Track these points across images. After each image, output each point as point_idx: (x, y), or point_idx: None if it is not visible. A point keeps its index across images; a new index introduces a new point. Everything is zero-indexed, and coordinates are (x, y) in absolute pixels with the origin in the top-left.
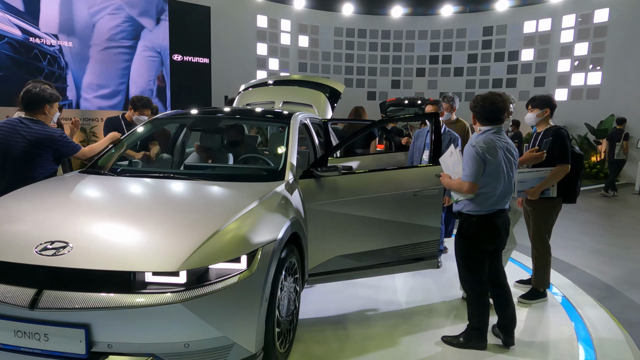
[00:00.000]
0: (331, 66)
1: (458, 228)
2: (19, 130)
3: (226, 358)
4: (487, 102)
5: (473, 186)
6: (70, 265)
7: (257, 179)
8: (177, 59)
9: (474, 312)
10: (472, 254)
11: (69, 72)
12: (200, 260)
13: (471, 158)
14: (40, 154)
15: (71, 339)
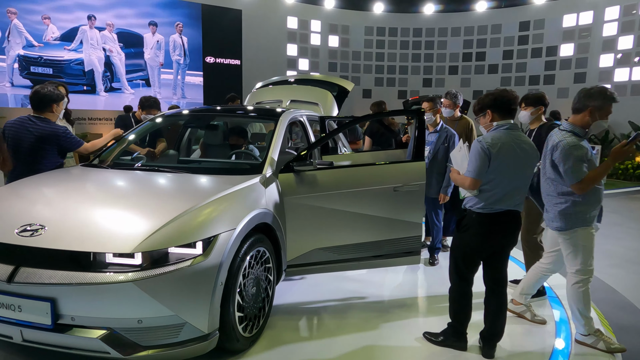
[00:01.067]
0: (361, 65)
1: (458, 221)
2: (27, 127)
3: (178, 336)
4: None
5: (474, 182)
6: (42, 245)
7: (236, 173)
8: (209, 61)
9: (454, 310)
10: (464, 250)
11: None
12: (154, 244)
13: (475, 153)
14: (46, 149)
15: (39, 311)
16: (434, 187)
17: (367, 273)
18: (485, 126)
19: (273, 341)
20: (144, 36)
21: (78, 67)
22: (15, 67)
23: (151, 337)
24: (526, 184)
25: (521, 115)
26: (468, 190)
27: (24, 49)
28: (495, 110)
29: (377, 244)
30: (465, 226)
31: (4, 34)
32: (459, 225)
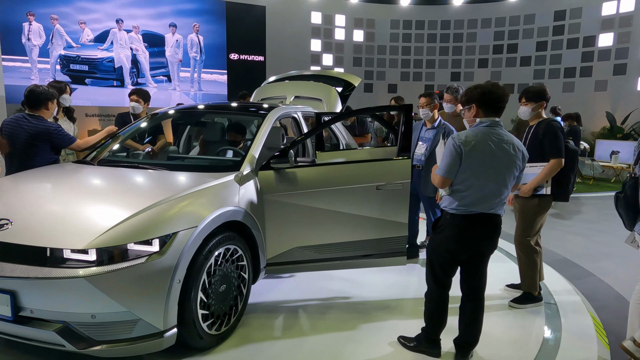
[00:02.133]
0: (387, 60)
1: (434, 222)
2: (21, 125)
3: (132, 331)
4: (480, 90)
5: (443, 180)
6: (5, 239)
7: (214, 170)
8: (233, 57)
9: (428, 315)
10: (439, 252)
11: None
12: (109, 240)
13: (447, 150)
14: (39, 145)
15: (1, 302)
16: (431, 186)
17: (357, 273)
18: (469, 121)
19: (243, 339)
20: (165, 36)
21: (109, 65)
22: (57, 67)
23: (105, 332)
24: (505, 186)
25: (521, 111)
26: (439, 188)
27: (64, 49)
28: (481, 106)
29: (360, 244)
30: (441, 227)
31: (48, 38)
32: (435, 226)
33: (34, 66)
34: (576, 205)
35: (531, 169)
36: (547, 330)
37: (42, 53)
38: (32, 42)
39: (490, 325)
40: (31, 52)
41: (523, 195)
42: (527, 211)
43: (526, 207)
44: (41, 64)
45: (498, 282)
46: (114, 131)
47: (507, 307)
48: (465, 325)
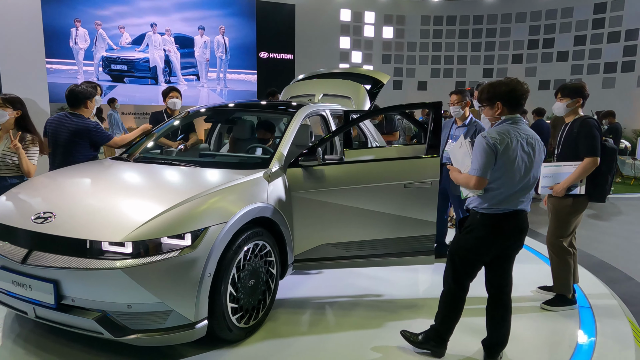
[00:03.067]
0: (417, 56)
1: (460, 222)
2: (63, 123)
3: (165, 322)
4: (511, 87)
5: (481, 181)
6: (49, 231)
7: (244, 167)
8: (263, 56)
9: (442, 315)
10: (466, 254)
11: None
12: (144, 234)
13: (481, 150)
14: (79, 142)
15: (45, 291)
16: None
17: (384, 271)
18: (491, 118)
19: (270, 333)
20: (194, 38)
21: (145, 65)
22: (100, 69)
23: (140, 322)
24: (534, 181)
25: (555, 107)
26: (473, 190)
27: (106, 51)
28: (506, 103)
29: (387, 242)
30: (468, 227)
31: (92, 42)
32: (461, 226)
33: (79, 67)
34: (615, 206)
35: (565, 167)
36: (581, 335)
37: (87, 56)
38: (78, 45)
39: (522, 328)
40: (77, 55)
41: (556, 195)
42: (560, 211)
43: (559, 207)
44: (86, 66)
45: (530, 283)
46: (149, 129)
47: (539, 309)
48: (493, 326)
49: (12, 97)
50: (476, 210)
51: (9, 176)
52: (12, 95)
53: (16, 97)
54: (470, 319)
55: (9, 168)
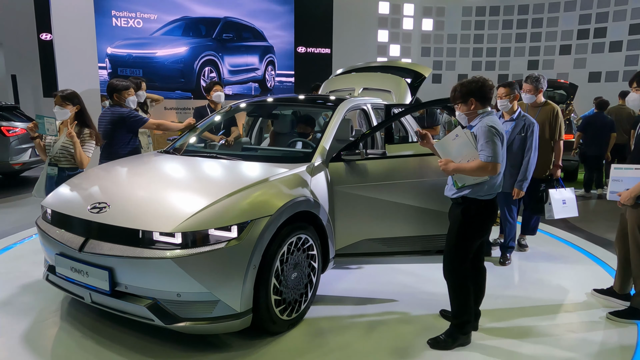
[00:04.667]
0: (457, 49)
1: (459, 214)
2: (104, 116)
3: (212, 311)
4: (480, 84)
5: (498, 166)
6: (104, 221)
7: (286, 161)
8: (301, 51)
9: (463, 305)
10: (470, 242)
11: None
12: (193, 225)
13: (491, 137)
14: (117, 130)
15: (100, 277)
16: (507, 181)
17: (426, 268)
18: (467, 113)
19: (312, 327)
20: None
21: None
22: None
23: (188, 310)
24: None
25: (630, 99)
26: (484, 176)
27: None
28: (479, 99)
29: (429, 238)
30: (474, 217)
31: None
32: (465, 219)
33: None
34: None
35: (636, 172)
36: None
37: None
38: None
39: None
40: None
41: (624, 203)
42: (635, 219)
43: (634, 215)
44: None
45: (582, 286)
46: (193, 124)
47: (596, 315)
48: (478, 294)
49: (70, 93)
50: (477, 198)
51: (66, 167)
52: (69, 90)
53: (73, 92)
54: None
55: (67, 160)
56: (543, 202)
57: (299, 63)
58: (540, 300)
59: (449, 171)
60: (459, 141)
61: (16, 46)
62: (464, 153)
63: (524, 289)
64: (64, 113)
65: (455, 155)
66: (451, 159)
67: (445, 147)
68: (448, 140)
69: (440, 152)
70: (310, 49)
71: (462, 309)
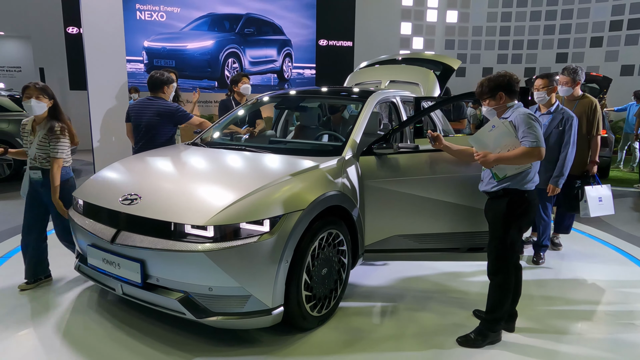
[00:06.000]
0: (482, 42)
1: (502, 207)
2: (146, 106)
3: (244, 306)
4: (508, 77)
5: (543, 150)
6: (136, 213)
7: (317, 154)
8: (322, 44)
9: (503, 303)
10: (517, 235)
11: None
12: (225, 219)
13: (531, 123)
14: (162, 122)
15: (132, 269)
16: (542, 177)
17: (456, 266)
18: (497, 108)
19: (342, 323)
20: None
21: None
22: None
23: (220, 305)
24: None
25: None
26: (530, 162)
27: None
28: (507, 92)
29: (462, 236)
30: (518, 208)
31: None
32: (511, 212)
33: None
34: None
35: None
36: None
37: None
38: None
39: (620, 339)
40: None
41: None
42: None
43: None
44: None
45: (619, 285)
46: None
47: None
48: (517, 293)
49: (45, 86)
50: (527, 188)
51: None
52: (43, 83)
53: (46, 85)
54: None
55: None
56: (578, 200)
57: (321, 56)
58: (576, 301)
59: (489, 163)
60: (496, 132)
61: (44, 40)
62: (504, 143)
63: (560, 288)
64: (40, 107)
65: (494, 146)
66: (489, 150)
67: (482, 139)
68: (484, 132)
69: (476, 145)
70: (332, 42)
71: (499, 305)
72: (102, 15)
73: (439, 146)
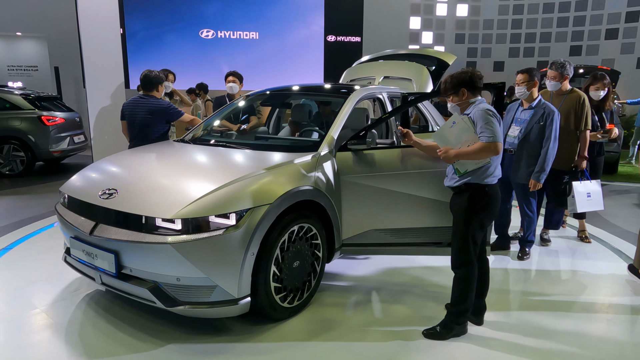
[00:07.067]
0: (493, 35)
1: (464, 202)
2: (139, 104)
3: (210, 296)
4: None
5: (500, 145)
6: (112, 206)
7: (295, 150)
8: (330, 39)
9: (466, 295)
10: (478, 230)
11: None
12: (192, 212)
13: (489, 119)
14: (155, 120)
15: (107, 260)
16: (524, 172)
17: (436, 260)
18: (460, 104)
19: (315, 314)
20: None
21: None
22: None
23: (188, 294)
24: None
25: None
26: (488, 157)
27: None
28: (470, 89)
29: (439, 231)
30: (479, 202)
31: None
32: (472, 206)
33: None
34: None
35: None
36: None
37: None
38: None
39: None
40: None
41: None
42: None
43: None
44: None
45: (603, 283)
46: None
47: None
48: (484, 286)
49: None
50: (487, 182)
51: None
52: None
53: None
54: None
55: None
56: (566, 195)
57: (329, 52)
58: (552, 296)
59: (450, 158)
60: (457, 128)
61: (59, 39)
62: (464, 139)
63: (539, 284)
64: None
65: (455, 142)
66: (451, 146)
67: (443, 135)
68: (445, 128)
69: (438, 141)
70: (340, 37)
71: (463, 297)
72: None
73: (408, 142)
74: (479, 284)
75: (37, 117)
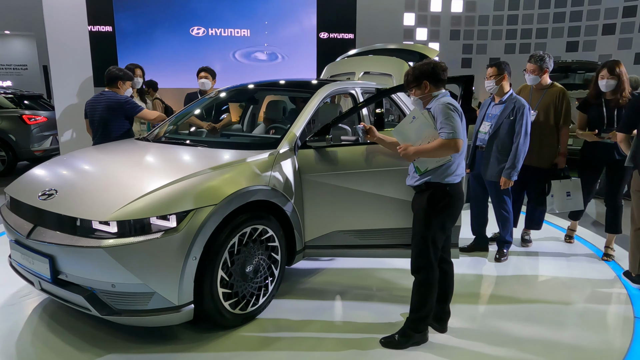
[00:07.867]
0: (489, 31)
1: (424, 202)
2: (98, 101)
3: (147, 304)
4: (432, 65)
5: (461, 142)
6: (48, 208)
7: (255, 147)
8: (323, 36)
9: (426, 301)
10: (438, 231)
11: None
12: (129, 214)
13: (449, 114)
14: (113, 116)
15: (43, 265)
16: (494, 169)
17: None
18: (422, 97)
19: (271, 321)
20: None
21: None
22: None
23: (123, 302)
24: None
25: None
26: (447, 155)
27: None
28: (432, 81)
29: (407, 232)
30: (439, 203)
31: None
32: (432, 207)
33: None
34: None
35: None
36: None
37: None
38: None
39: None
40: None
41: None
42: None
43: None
44: None
45: (582, 286)
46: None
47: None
48: (447, 291)
49: None
50: (448, 182)
51: None
52: None
53: None
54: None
55: None
56: (545, 194)
57: (322, 49)
58: (523, 300)
59: (409, 156)
60: (417, 123)
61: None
62: (424, 135)
63: (512, 288)
64: None
65: (415, 138)
66: (411, 143)
67: (403, 131)
68: (405, 124)
69: (398, 138)
70: (333, 34)
71: (422, 303)
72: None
73: (371, 139)
74: (441, 289)
75: (19, 116)
